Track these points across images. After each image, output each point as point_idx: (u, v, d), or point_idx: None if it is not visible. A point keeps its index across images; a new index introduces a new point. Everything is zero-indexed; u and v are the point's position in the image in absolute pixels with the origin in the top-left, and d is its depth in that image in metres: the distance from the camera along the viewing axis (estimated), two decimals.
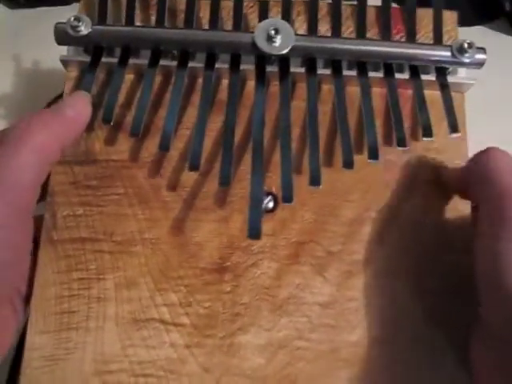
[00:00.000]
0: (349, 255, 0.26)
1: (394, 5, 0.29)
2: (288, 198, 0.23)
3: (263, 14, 0.28)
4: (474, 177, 0.25)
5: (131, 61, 0.27)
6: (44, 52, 0.36)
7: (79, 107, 0.26)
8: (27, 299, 0.26)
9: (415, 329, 0.25)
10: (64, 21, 0.26)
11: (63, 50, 0.28)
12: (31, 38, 0.39)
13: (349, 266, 0.26)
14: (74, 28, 0.26)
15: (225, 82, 0.28)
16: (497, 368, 0.22)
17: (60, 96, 0.32)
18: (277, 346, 0.25)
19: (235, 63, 0.27)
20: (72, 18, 0.26)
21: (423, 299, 0.26)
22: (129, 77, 0.28)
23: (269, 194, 0.27)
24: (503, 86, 0.38)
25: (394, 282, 0.26)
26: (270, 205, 0.27)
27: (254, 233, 0.22)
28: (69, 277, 0.25)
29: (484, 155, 0.24)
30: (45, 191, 0.26)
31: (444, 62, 0.27)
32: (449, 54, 0.27)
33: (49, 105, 0.34)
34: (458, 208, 0.27)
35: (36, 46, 0.37)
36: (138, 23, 0.28)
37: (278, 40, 0.26)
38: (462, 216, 0.27)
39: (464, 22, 0.30)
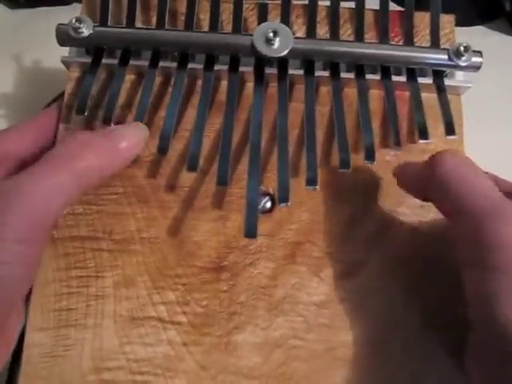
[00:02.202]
0: (345, 256, 0.26)
1: (392, 6, 0.29)
2: (284, 199, 0.23)
3: (262, 17, 0.29)
4: (436, 189, 0.23)
5: (132, 62, 0.27)
6: (44, 52, 0.36)
7: (133, 140, 0.25)
8: (27, 298, 0.26)
9: (408, 330, 0.25)
10: (66, 22, 0.27)
11: (64, 49, 0.28)
12: (31, 37, 0.39)
13: (345, 267, 0.26)
14: (76, 29, 0.26)
15: (224, 84, 0.28)
16: None
17: (58, 98, 0.32)
18: (273, 344, 0.25)
19: (234, 65, 0.27)
20: (73, 20, 0.26)
21: (417, 302, 0.26)
22: (129, 78, 0.28)
23: (266, 194, 0.27)
24: (503, 86, 0.38)
25: (389, 284, 0.26)
26: (268, 205, 0.27)
27: (251, 232, 0.22)
28: (68, 274, 0.26)
29: (442, 163, 0.23)
30: None
31: (441, 65, 0.27)
32: (446, 57, 0.27)
33: (48, 105, 0.34)
34: None
35: (36, 45, 0.38)
36: (138, 24, 0.28)
37: (276, 42, 0.26)
38: None
39: (464, 22, 0.30)
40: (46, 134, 0.28)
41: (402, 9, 0.29)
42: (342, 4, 0.29)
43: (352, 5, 0.29)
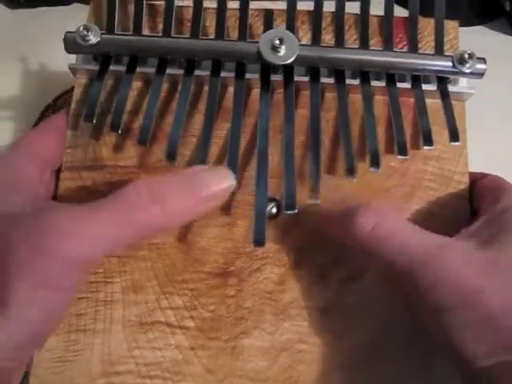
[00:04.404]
0: (350, 261, 0.27)
1: (397, 10, 0.29)
2: (291, 207, 0.24)
3: (268, 23, 0.29)
4: (367, 247, 0.23)
5: (139, 69, 0.28)
6: (44, 51, 0.36)
7: (215, 189, 0.23)
8: None
9: (410, 334, 0.26)
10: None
11: (64, 49, 0.28)
12: (31, 37, 0.39)
13: (350, 272, 0.27)
14: (83, 37, 0.27)
15: (230, 90, 0.28)
16: None
17: (59, 98, 0.32)
18: (279, 348, 0.26)
19: (240, 72, 0.28)
20: (81, 28, 0.26)
21: None
22: (137, 84, 0.28)
23: (273, 199, 0.27)
24: (503, 86, 0.38)
25: (392, 288, 0.26)
26: (274, 211, 0.27)
27: (259, 241, 0.23)
28: None
29: (360, 227, 0.23)
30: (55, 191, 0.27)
31: (445, 72, 0.28)
32: (450, 64, 0.27)
33: (48, 106, 0.34)
34: (459, 214, 0.27)
35: (36, 45, 0.38)
36: (145, 32, 0.29)
37: (282, 50, 0.26)
38: (462, 222, 0.27)
39: (464, 22, 0.31)
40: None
41: (407, 10, 0.30)
42: (347, 9, 0.29)
43: (357, 10, 0.29)
